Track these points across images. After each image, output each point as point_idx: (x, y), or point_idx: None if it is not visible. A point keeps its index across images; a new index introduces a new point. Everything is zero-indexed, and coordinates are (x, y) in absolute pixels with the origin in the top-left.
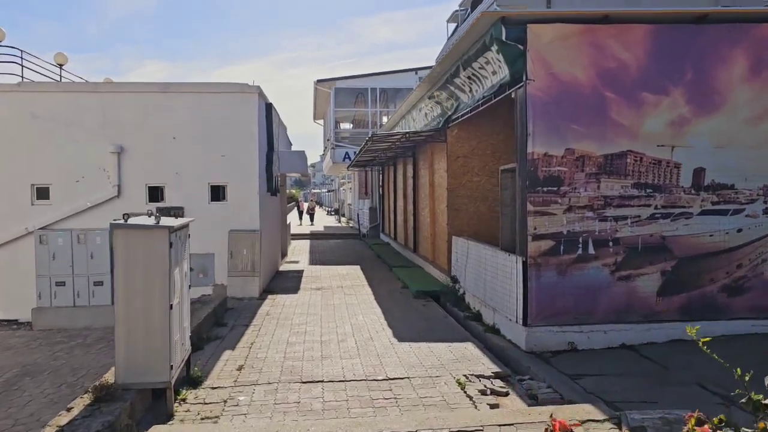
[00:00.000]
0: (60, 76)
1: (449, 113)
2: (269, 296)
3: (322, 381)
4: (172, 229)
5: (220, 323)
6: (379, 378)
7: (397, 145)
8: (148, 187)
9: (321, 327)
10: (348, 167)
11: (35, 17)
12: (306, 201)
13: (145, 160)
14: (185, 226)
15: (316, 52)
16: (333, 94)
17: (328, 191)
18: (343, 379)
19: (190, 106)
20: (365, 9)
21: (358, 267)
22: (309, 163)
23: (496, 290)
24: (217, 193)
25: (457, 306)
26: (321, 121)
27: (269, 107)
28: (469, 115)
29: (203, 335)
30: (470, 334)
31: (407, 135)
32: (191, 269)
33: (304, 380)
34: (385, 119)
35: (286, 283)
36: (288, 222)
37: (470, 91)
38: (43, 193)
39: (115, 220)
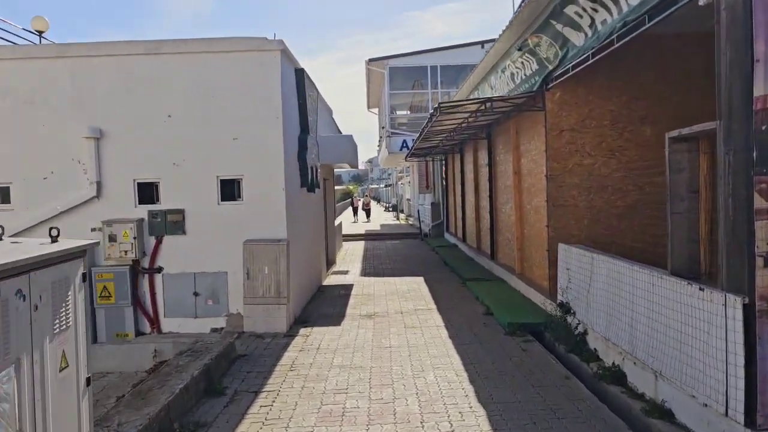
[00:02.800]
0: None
1: (550, 68)
2: (302, 330)
3: None
4: None
5: (215, 390)
6: None
7: (469, 122)
8: (138, 183)
9: (369, 399)
10: (406, 157)
11: (108, 27)
12: (361, 197)
13: (132, 148)
14: (46, 262)
15: (370, 48)
16: (387, 75)
17: (386, 186)
18: None
19: (191, 72)
20: (418, 3)
21: (421, 279)
22: (366, 158)
23: (661, 342)
24: (231, 189)
25: (575, 351)
26: (375, 110)
27: (300, 74)
28: (587, 64)
29: (174, 426)
30: (623, 422)
31: (487, 103)
32: (196, 294)
33: None
34: None
35: (328, 307)
36: (339, 222)
37: (591, 24)
38: (1, 195)
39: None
